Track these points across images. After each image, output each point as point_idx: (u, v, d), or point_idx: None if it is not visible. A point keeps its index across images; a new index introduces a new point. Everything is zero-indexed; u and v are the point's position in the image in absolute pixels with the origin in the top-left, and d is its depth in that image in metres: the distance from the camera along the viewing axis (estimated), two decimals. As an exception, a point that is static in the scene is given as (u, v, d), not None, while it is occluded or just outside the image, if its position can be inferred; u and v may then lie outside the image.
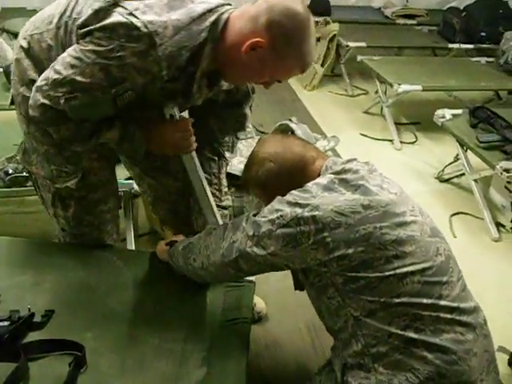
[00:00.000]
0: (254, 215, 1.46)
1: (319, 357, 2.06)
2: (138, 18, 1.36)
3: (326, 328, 1.54)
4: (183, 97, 1.59)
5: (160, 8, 1.40)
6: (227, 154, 2.05)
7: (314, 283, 1.43)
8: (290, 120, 3.11)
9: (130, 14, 1.37)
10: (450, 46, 5.53)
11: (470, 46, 5.54)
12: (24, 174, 2.26)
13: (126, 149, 1.64)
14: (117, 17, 1.37)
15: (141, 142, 1.61)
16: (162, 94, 1.53)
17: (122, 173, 2.17)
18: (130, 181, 2.31)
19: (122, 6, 1.39)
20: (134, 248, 2.47)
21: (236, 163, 2.61)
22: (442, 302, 1.31)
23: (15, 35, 3.82)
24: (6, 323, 1.47)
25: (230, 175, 2.26)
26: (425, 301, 1.30)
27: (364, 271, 1.31)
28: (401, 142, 4.24)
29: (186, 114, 1.75)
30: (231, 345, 1.58)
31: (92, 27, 1.40)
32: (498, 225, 3.21)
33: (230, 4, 1.53)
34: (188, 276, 1.67)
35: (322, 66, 5.21)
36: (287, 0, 1.43)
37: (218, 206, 1.96)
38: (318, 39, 5.26)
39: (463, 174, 3.57)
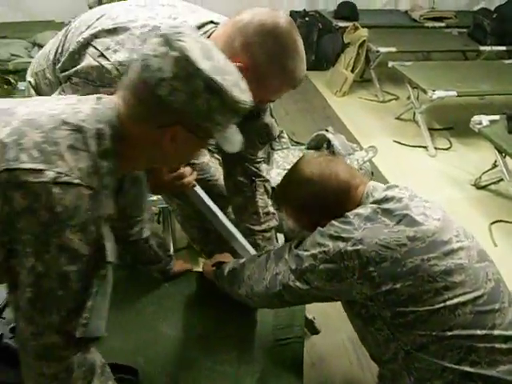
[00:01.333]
0: (296, 246, 1.43)
1: (366, 377, 2.05)
2: (108, 60, 1.35)
3: (370, 355, 1.50)
4: None
5: (132, 42, 1.35)
6: (264, 167, 1.96)
7: (360, 313, 1.39)
8: (327, 130, 3.08)
9: (101, 55, 1.36)
10: (482, 48, 5.41)
11: (502, 48, 5.42)
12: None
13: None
14: (88, 59, 1.37)
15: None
16: None
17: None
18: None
19: (94, 46, 1.38)
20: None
21: (274, 175, 2.58)
22: (496, 332, 1.27)
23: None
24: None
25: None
26: (478, 332, 1.26)
27: (413, 305, 1.27)
28: (435, 149, 4.17)
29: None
30: (285, 365, 1.58)
31: (67, 73, 1.41)
32: (540, 233, 3.15)
33: (212, 21, 1.43)
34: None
35: (352, 71, 5.17)
36: (264, 13, 1.33)
37: (257, 231, 1.91)
38: (348, 45, 5.24)
39: (501, 180, 3.52)
